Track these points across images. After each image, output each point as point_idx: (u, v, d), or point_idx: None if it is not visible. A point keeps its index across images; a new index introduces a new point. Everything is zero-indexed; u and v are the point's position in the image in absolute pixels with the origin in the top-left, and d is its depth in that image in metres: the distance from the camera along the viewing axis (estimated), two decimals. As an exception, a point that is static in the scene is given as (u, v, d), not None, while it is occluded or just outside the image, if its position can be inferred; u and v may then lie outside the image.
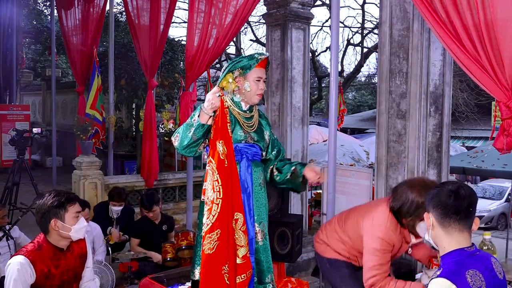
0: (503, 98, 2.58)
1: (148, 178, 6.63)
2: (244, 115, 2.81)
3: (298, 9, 5.89)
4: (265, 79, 2.78)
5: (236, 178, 2.60)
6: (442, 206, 1.78)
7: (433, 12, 2.82)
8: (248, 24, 17.94)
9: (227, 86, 2.71)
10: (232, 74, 2.71)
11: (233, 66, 2.71)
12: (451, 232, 1.77)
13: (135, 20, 6.38)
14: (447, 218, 1.77)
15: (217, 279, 2.48)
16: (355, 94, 29.11)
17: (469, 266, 1.70)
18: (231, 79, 2.70)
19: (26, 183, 7.25)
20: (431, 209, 1.82)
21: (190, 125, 2.59)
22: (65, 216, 2.56)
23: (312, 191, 8.58)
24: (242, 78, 2.72)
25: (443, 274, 1.69)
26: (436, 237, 1.83)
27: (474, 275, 1.68)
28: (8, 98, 12.28)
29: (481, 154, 7.85)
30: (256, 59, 2.73)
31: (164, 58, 9.09)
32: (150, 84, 6.35)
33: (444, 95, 3.90)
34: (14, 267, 2.46)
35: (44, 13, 15.11)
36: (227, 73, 2.72)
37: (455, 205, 1.76)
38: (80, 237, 2.67)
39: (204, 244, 2.50)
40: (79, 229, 2.62)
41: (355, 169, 5.59)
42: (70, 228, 2.57)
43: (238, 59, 2.76)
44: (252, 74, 2.73)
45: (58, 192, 2.62)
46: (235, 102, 2.79)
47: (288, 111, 5.82)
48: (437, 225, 1.80)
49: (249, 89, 2.72)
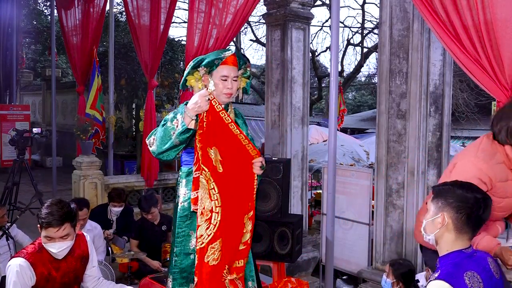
0: (503, 98, 2.58)
1: (148, 178, 6.63)
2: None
3: (298, 9, 5.88)
4: (235, 77, 2.64)
5: (233, 183, 2.54)
6: (469, 214, 1.71)
7: (433, 12, 2.82)
8: (248, 24, 17.95)
9: (193, 84, 2.65)
10: (199, 72, 2.64)
11: (197, 63, 2.63)
12: (462, 237, 1.74)
13: (135, 20, 6.38)
14: (466, 226, 1.72)
15: (219, 285, 2.48)
16: (355, 94, 29.10)
17: (467, 267, 1.70)
18: (197, 77, 2.64)
19: (26, 183, 7.25)
20: (452, 212, 1.73)
21: (171, 128, 2.47)
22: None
23: (312, 191, 8.57)
24: (208, 76, 2.64)
25: (441, 277, 1.68)
26: (443, 238, 1.77)
27: (472, 277, 1.67)
28: (8, 98, 12.30)
29: (481, 154, 7.84)
30: (221, 58, 2.64)
31: (164, 58, 9.09)
32: (150, 84, 6.35)
33: (444, 95, 3.89)
34: (14, 269, 2.45)
35: (44, 13, 15.10)
36: (190, 71, 2.64)
37: (481, 217, 1.71)
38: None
39: (208, 255, 2.45)
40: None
41: (355, 169, 5.59)
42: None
43: (202, 57, 2.67)
44: (217, 73, 2.63)
45: (49, 206, 2.50)
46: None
47: (288, 111, 5.82)
48: (452, 229, 1.74)
49: (213, 88, 2.62)
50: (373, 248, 4.20)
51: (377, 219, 4.11)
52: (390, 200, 3.99)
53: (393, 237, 3.99)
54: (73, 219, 2.56)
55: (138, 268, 4.53)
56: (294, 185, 5.82)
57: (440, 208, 1.77)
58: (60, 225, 2.48)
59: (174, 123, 2.48)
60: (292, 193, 5.65)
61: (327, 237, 3.68)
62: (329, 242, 3.66)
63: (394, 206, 3.97)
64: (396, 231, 3.97)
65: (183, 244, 2.65)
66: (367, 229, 4.72)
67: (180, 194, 2.69)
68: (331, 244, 3.65)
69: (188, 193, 2.66)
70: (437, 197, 1.81)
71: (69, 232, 2.54)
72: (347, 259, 4.93)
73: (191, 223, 2.64)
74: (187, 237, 2.65)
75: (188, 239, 2.65)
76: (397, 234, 3.96)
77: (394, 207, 3.97)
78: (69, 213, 2.53)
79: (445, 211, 1.75)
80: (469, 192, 1.74)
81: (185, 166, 2.71)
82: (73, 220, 2.56)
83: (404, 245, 3.90)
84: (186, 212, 2.65)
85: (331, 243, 3.65)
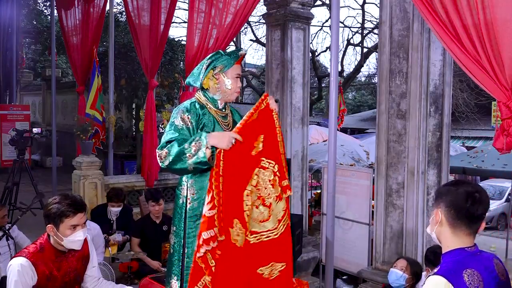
0: (503, 98, 2.57)
1: (148, 178, 6.63)
2: (221, 114, 2.75)
3: (298, 9, 5.89)
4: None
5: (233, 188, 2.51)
6: (457, 208, 1.73)
7: (433, 12, 2.82)
8: (248, 24, 17.95)
9: (207, 83, 2.66)
10: (213, 71, 2.65)
11: (215, 63, 2.64)
12: (458, 233, 1.75)
13: (135, 20, 6.38)
14: (458, 221, 1.73)
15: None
16: (355, 94, 29.10)
17: (468, 265, 1.69)
18: (211, 76, 2.65)
19: (26, 183, 7.25)
20: (443, 207, 1.77)
21: (187, 151, 2.40)
22: (60, 226, 2.50)
23: (312, 191, 8.57)
24: (223, 75, 2.66)
25: (440, 272, 1.68)
26: (442, 234, 1.79)
27: (471, 275, 1.66)
28: (8, 98, 12.28)
29: (481, 154, 7.86)
30: (237, 56, 2.67)
31: (164, 58, 9.10)
32: (150, 84, 6.35)
33: (444, 95, 3.89)
34: (15, 268, 2.45)
35: (44, 13, 15.08)
36: (209, 71, 2.65)
37: (470, 210, 1.72)
38: (75, 248, 2.59)
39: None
40: (73, 241, 2.53)
41: (355, 169, 5.60)
42: (63, 238, 2.51)
43: (217, 56, 2.69)
44: (232, 71, 2.67)
45: (63, 199, 2.53)
46: (212, 100, 2.72)
47: (288, 111, 5.82)
48: (446, 225, 1.76)
49: (230, 87, 2.66)
50: (373, 248, 4.20)
51: (377, 219, 4.11)
52: (390, 200, 3.99)
53: (393, 237, 3.99)
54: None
55: (138, 268, 4.53)
56: (294, 185, 5.82)
57: (436, 206, 1.82)
58: (84, 210, 2.56)
59: (192, 146, 2.40)
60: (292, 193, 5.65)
61: (327, 237, 3.67)
62: (329, 242, 3.66)
63: (394, 206, 3.97)
64: (396, 231, 3.97)
65: (193, 245, 2.61)
66: (367, 229, 4.72)
67: (188, 194, 2.65)
68: (331, 244, 3.65)
69: (197, 193, 2.63)
70: (436, 197, 1.86)
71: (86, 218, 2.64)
72: (347, 259, 4.93)
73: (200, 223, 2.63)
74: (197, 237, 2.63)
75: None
76: (397, 234, 3.96)
77: (394, 207, 3.97)
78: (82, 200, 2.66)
79: (439, 208, 1.79)
80: (460, 187, 1.77)
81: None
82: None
83: (404, 245, 3.90)
84: (196, 212, 2.62)
85: (331, 243, 3.65)
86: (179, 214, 2.67)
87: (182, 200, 2.67)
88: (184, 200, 2.67)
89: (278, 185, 2.64)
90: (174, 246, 2.70)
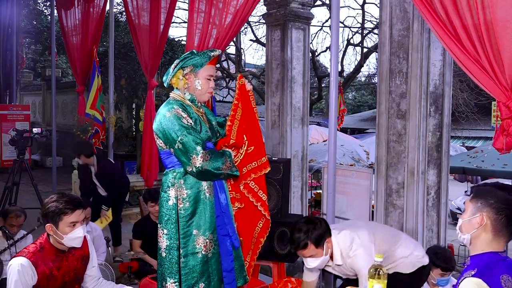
0: (503, 98, 2.57)
1: (148, 178, 6.62)
2: (201, 112, 2.78)
3: (298, 9, 5.89)
4: (215, 77, 2.76)
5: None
6: (508, 216, 1.68)
7: (433, 12, 2.82)
8: (248, 24, 17.92)
9: (177, 83, 2.67)
10: (183, 70, 2.65)
11: (185, 62, 2.64)
12: (499, 239, 1.70)
13: (135, 20, 6.38)
14: (504, 229, 1.69)
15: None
16: (355, 94, 29.12)
17: (502, 271, 1.66)
18: (181, 76, 2.65)
19: (26, 183, 7.25)
20: (493, 214, 1.69)
21: (229, 156, 2.73)
22: (59, 224, 2.50)
23: (312, 191, 8.57)
24: (193, 75, 2.66)
25: (478, 275, 1.63)
26: (479, 238, 1.73)
27: (507, 281, 1.63)
28: (8, 98, 12.27)
29: (481, 154, 7.86)
30: (208, 56, 2.67)
31: (164, 58, 9.09)
32: (150, 84, 6.35)
33: (444, 95, 3.90)
34: (15, 268, 2.45)
35: (44, 13, 15.09)
36: (177, 70, 2.65)
37: None
38: (76, 245, 2.59)
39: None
40: (74, 238, 2.53)
41: (355, 169, 5.60)
42: (63, 236, 2.51)
43: (189, 56, 2.69)
44: (203, 72, 2.67)
45: (60, 197, 2.54)
46: (192, 100, 2.73)
47: (288, 111, 5.82)
48: (490, 230, 1.70)
49: (200, 88, 2.66)
50: (373, 248, 4.20)
51: (377, 219, 4.11)
52: (390, 200, 3.99)
53: (393, 237, 3.99)
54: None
55: (138, 268, 4.53)
56: (294, 185, 5.82)
57: (479, 208, 1.73)
58: (82, 206, 2.58)
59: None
60: (292, 193, 5.65)
61: (327, 237, 3.66)
62: (329, 242, 3.65)
63: (394, 206, 3.97)
64: (396, 231, 3.97)
65: (187, 244, 2.63)
66: (367, 229, 4.71)
67: (178, 195, 2.65)
68: (331, 244, 3.64)
69: (188, 192, 2.64)
70: (477, 197, 1.76)
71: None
72: (347, 259, 4.92)
73: (194, 222, 2.64)
74: (191, 236, 2.64)
75: (193, 238, 2.64)
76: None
77: (394, 207, 3.97)
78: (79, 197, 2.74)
79: (484, 211, 1.71)
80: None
81: (177, 167, 2.68)
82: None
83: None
84: (188, 212, 2.64)
85: (331, 243, 3.63)
86: (169, 215, 2.65)
87: (172, 202, 2.65)
88: (174, 201, 2.65)
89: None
90: (166, 249, 2.67)
